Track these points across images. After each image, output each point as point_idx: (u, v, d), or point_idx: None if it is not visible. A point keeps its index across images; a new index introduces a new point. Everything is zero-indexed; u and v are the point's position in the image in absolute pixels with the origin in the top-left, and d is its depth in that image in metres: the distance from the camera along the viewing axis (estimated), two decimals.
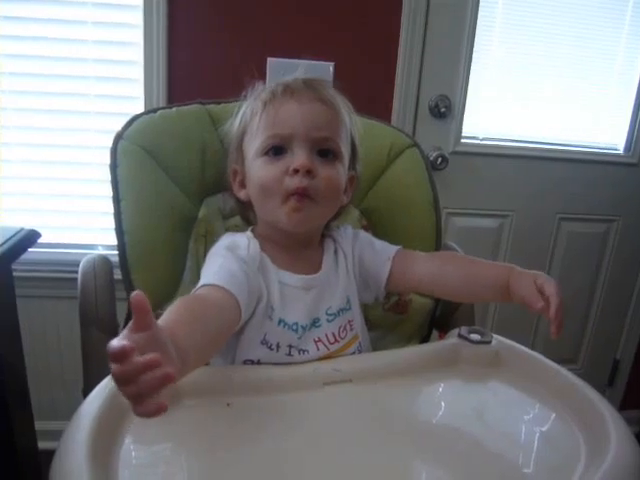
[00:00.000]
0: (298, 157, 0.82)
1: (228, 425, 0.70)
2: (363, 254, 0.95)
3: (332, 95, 0.88)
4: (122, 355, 0.47)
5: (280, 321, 0.84)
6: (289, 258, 0.89)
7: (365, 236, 0.99)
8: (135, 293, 0.52)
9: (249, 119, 0.88)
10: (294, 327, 0.85)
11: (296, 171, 0.81)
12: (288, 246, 0.89)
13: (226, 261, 0.82)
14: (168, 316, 0.64)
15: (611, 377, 2.15)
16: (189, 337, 0.62)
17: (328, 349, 0.87)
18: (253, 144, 0.86)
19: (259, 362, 0.84)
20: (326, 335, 0.87)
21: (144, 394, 0.49)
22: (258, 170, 0.85)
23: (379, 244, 0.98)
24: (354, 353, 0.89)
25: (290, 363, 0.83)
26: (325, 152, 0.85)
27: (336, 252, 0.94)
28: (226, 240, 0.88)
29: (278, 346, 0.84)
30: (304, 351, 0.85)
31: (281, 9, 1.58)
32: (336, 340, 0.88)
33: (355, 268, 0.95)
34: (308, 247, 0.92)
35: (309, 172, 0.81)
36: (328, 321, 0.88)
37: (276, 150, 0.84)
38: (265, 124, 0.85)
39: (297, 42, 1.61)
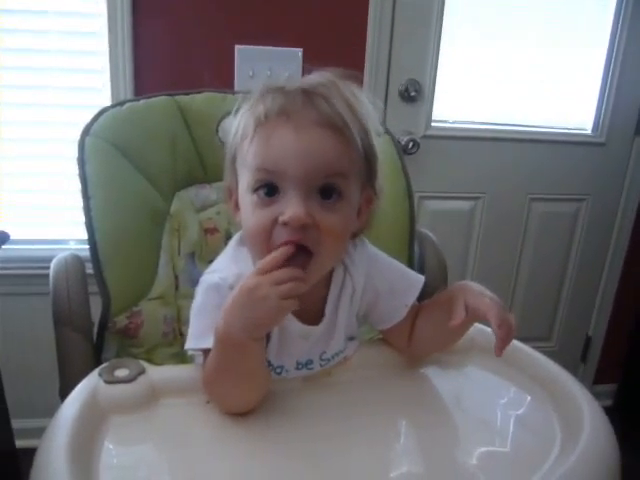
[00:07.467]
0: (290, 205, 0.66)
1: (208, 423, 0.70)
2: (380, 292, 0.82)
3: (339, 110, 0.68)
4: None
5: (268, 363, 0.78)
6: None
7: (384, 263, 0.84)
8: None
9: (239, 139, 0.72)
10: (278, 370, 0.79)
11: (286, 224, 0.66)
12: None
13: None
14: None
15: (584, 353, 2.19)
16: None
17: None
18: (244, 174, 0.72)
19: None
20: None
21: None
22: (246, 212, 0.72)
23: (399, 281, 0.83)
24: None
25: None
26: (328, 191, 0.69)
27: (343, 284, 0.80)
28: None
29: None
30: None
31: None
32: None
33: (362, 301, 0.83)
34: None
35: (303, 226, 0.66)
36: (321, 366, 0.81)
37: (268, 189, 0.68)
38: (254, 153, 0.69)
39: (265, 28, 1.59)
